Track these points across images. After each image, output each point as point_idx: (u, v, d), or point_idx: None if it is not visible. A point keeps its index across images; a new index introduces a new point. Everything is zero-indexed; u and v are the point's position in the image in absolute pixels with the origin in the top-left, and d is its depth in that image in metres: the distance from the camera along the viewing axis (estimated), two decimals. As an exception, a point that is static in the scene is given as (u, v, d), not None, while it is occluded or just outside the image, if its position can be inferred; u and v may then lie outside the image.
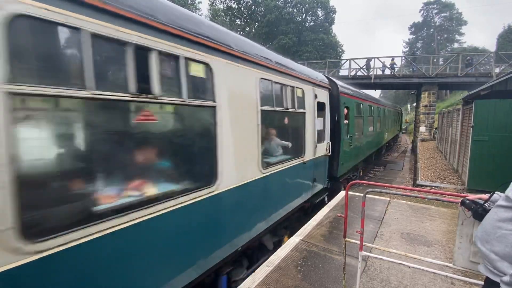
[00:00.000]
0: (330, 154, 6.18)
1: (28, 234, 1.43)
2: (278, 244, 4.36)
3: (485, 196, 1.81)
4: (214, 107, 2.65)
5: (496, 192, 1.74)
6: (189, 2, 43.20)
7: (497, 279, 1.45)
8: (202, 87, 2.59)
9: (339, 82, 7.25)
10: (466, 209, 1.85)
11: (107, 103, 1.81)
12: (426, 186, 9.29)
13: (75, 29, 1.61)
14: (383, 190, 2.82)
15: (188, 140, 2.54)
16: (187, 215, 2.39)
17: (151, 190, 2.11)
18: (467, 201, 1.83)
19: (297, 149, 4.68)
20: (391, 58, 22.98)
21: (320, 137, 5.71)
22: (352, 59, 22.95)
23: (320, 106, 5.72)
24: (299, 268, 3.46)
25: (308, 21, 41.78)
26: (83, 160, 1.81)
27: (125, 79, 1.88)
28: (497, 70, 19.31)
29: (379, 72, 22.71)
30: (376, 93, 32.30)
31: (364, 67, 22.87)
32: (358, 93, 9.02)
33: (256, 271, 3.38)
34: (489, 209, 1.64)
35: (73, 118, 1.77)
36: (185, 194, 2.35)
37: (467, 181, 8.28)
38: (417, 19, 57.99)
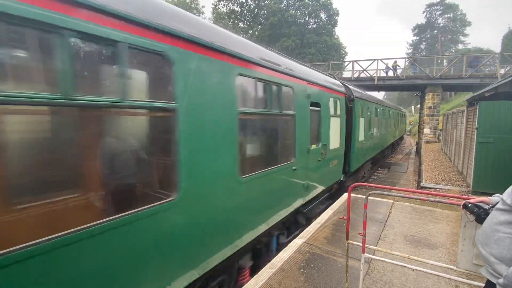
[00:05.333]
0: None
1: None
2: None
3: (487, 199, 1.81)
4: None
5: (497, 194, 1.74)
6: (193, 5, 43.62)
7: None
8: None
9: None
10: (468, 212, 1.85)
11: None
12: (430, 188, 9.23)
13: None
14: (385, 192, 2.83)
15: None
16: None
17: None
18: (469, 205, 1.83)
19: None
20: (394, 61, 22.90)
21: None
22: (355, 61, 22.93)
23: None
24: (301, 270, 3.47)
25: (311, 23, 41.83)
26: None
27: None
28: (502, 71, 19.14)
29: (383, 74, 22.64)
30: (380, 95, 27.68)
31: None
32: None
33: (259, 273, 3.40)
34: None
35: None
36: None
37: (472, 183, 8.21)
38: (420, 20, 57.76)
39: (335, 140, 6.63)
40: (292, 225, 5.25)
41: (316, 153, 5.48)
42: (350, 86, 8.38)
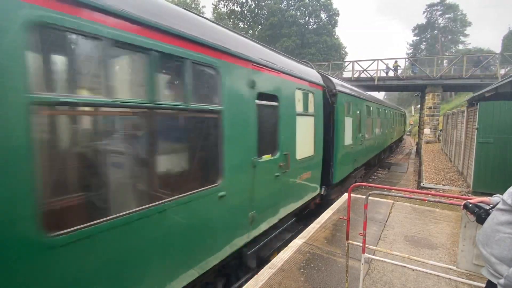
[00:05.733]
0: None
1: None
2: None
3: (487, 199, 1.81)
4: None
5: (497, 195, 1.74)
6: (193, 6, 43.68)
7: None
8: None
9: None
10: (469, 213, 1.85)
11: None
12: (431, 188, 9.23)
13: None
14: (385, 193, 2.83)
15: None
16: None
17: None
18: (470, 205, 1.82)
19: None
20: (394, 61, 22.94)
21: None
22: (356, 61, 22.94)
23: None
24: (302, 270, 3.46)
25: (311, 23, 41.86)
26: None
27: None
28: (502, 71, 19.15)
29: (383, 74, 22.65)
30: (380, 95, 27.03)
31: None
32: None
33: (259, 273, 3.39)
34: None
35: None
36: None
37: (472, 183, 8.21)
38: (421, 21, 57.72)
39: (306, 146, 5.05)
40: (238, 268, 3.78)
41: (270, 166, 3.94)
42: (332, 78, 6.89)
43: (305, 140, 5.00)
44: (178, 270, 2.53)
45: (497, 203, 1.66)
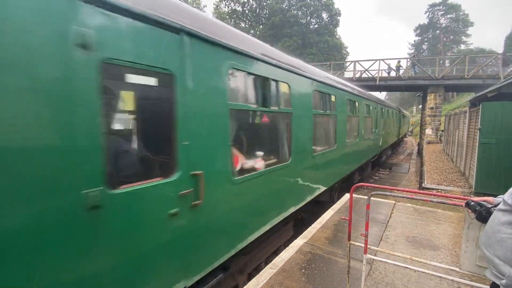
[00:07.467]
0: None
1: None
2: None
3: (491, 199, 1.80)
4: None
5: (501, 196, 1.73)
6: (194, 5, 43.71)
7: None
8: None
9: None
10: (470, 211, 1.83)
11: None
12: (432, 189, 9.19)
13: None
14: (387, 193, 2.81)
15: None
16: None
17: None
18: (472, 203, 1.81)
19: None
20: (397, 61, 22.90)
21: None
22: (357, 61, 22.90)
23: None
24: (303, 270, 3.45)
25: (313, 23, 41.85)
26: None
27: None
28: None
29: (385, 74, 22.61)
30: (381, 95, 26.27)
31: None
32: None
33: (260, 273, 3.39)
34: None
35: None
36: None
37: (474, 184, 8.17)
38: (422, 21, 57.57)
39: None
40: None
41: None
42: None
43: None
44: None
45: (499, 203, 1.65)
